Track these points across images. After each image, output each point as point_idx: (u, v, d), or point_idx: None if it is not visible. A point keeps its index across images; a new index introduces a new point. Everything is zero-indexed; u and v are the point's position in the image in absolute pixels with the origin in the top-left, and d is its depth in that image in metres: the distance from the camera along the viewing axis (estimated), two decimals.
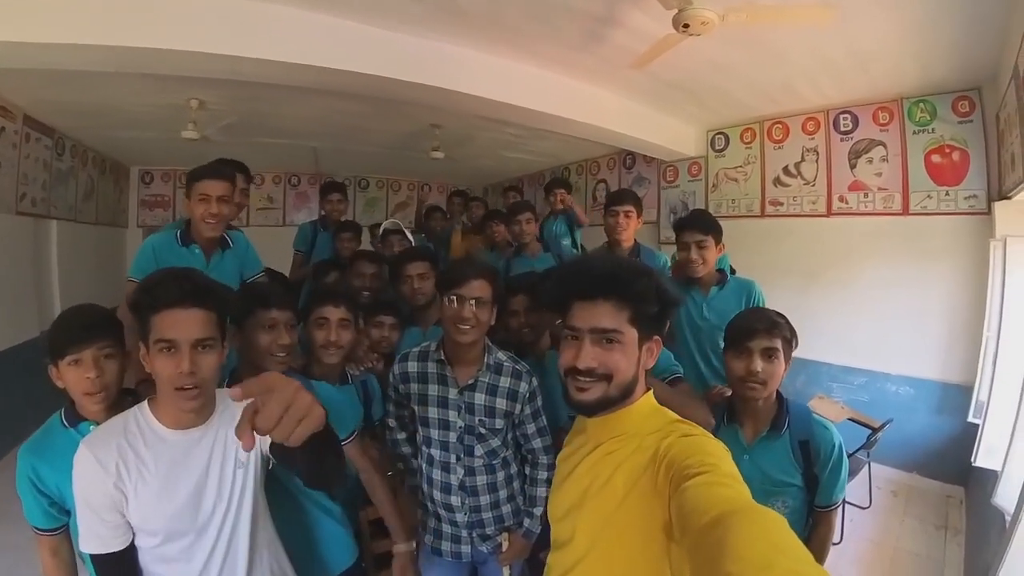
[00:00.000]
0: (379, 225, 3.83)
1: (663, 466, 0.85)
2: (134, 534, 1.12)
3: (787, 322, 1.56)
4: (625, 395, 0.99)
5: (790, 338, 1.55)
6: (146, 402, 1.18)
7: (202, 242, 2.16)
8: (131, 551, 1.12)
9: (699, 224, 2.23)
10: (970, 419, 3.44)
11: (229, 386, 1.65)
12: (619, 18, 3.00)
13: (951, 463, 3.59)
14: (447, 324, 1.64)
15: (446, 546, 1.76)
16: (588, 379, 0.96)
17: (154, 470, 1.11)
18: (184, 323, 1.09)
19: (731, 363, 1.56)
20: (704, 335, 2.25)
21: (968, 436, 3.32)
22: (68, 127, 4.81)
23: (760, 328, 1.52)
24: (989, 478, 2.69)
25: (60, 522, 1.28)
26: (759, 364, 1.49)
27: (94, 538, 1.10)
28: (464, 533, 1.74)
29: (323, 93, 3.59)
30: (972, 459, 3.06)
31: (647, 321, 0.98)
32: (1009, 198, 3.10)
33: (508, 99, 3.73)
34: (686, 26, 2.53)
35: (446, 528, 1.76)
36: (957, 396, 3.64)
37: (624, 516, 0.90)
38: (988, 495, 2.50)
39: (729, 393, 1.71)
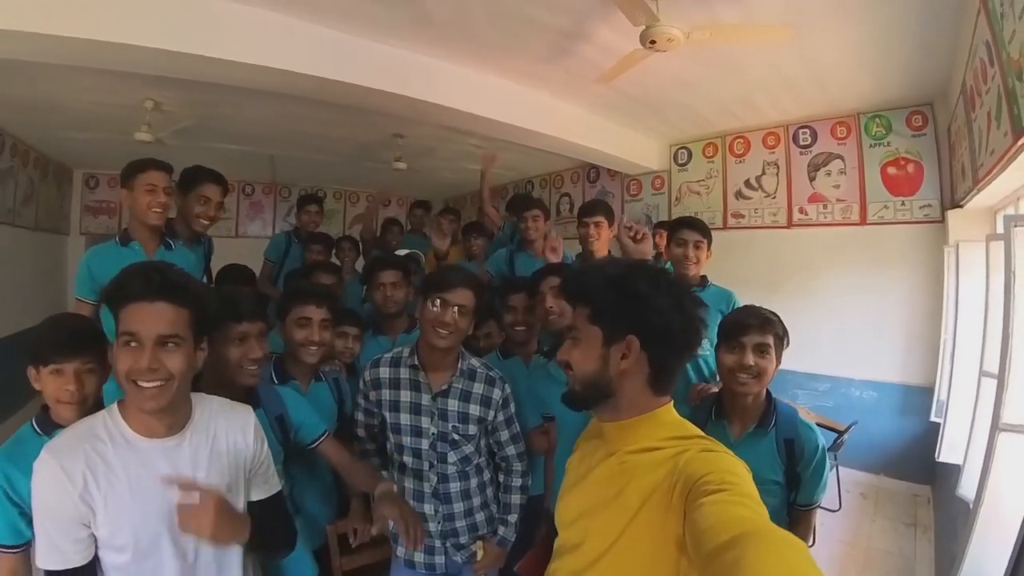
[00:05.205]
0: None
1: (680, 481, 0.81)
2: (97, 548, 1.03)
3: (779, 320, 1.58)
4: (596, 394, 0.96)
5: (782, 336, 1.56)
6: (116, 405, 1.10)
7: (143, 238, 2.12)
8: (92, 567, 1.03)
9: (699, 226, 2.35)
10: (932, 418, 3.55)
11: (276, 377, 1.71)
12: (587, 33, 3.04)
13: (916, 463, 3.69)
14: (426, 327, 1.61)
15: (419, 557, 1.70)
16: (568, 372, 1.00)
17: (123, 478, 1.03)
18: (149, 317, 1.02)
19: (723, 357, 1.56)
20: None
21: (931, 436, 3.42)
22: (8, 123, 4.49)
23: (753, 324, 1.53)
24: (952, 472, 2.76)
25: (25, 538, 1.20)
26: (751, 358, 1.50)
27: (55, 553, 0.99)
28: (438, 543, 1.69)
29: (284, 98, 3.49)
30: (936, 455, 3.14)
31: (610, 318, 0.94)
32: (961, 206, 3.24)
33: (474, 110, 3.72)
34: (653, 42, 2.57)
35: None
36: (918, 397, 3.76)
37: (636, 529, 0.86)
38: (952, 488, 2.56)
39: (714, 390, 1.70)
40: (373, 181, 7.39)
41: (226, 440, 1.17)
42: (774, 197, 4.67)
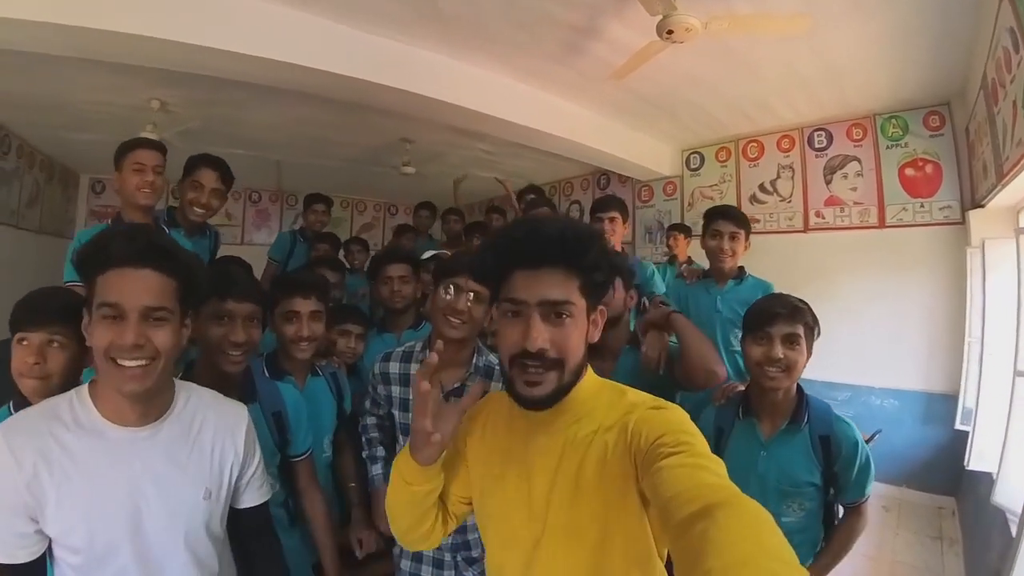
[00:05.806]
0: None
1: (634, 443, 0.78)
2: (50, 546, 0.91)
3: (809, 308, 1.47)
4: (578, 377, 0.86)
5: (813, 325, 1.45)
6: (86, 386, 0.97)
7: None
8: (39, 565, 0.90)
9: (735, 216, 2.25)
10: (957, 426, 3.44)
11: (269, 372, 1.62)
12: (600, 29, 2.98)
13: (941, 473, 3.57)
14: (437, 316, 1.50)
15: (426, 572, 1.59)
16: (538, 365, 0.80)
17: (83, 469, 0.90)
18: (133, 285, 0.89)
19: (749, 349, 1.46)
20: (716, 329, 2.19)
21: (956, 444, 3.32)
22: (15, 123, 4.46)
23: (782, 313, 1.42)
24: (983, 481, 2.68)
25: None
26: (780, 351, 1.39)
27: None
28: (448, 557, 1.57)
29: (290, 98, 3.46)
30: (965, 463, 3.04)
31: (595, 290, 0.86)
32: (983, 206, 3.16)
33: (484, 109, 3.66)
34: (670, 32, 2.50)
35: (427, 551, 1.58)
36: (942, 405, 3.65)
37: (602, 504, 0.80)
38: (984, 497, 2.47)
39: (741, 388, 1.60)
40: (379, 188, 7.34)
41: (212, 439, 1.04)
42: (790, 201, 4.58)
